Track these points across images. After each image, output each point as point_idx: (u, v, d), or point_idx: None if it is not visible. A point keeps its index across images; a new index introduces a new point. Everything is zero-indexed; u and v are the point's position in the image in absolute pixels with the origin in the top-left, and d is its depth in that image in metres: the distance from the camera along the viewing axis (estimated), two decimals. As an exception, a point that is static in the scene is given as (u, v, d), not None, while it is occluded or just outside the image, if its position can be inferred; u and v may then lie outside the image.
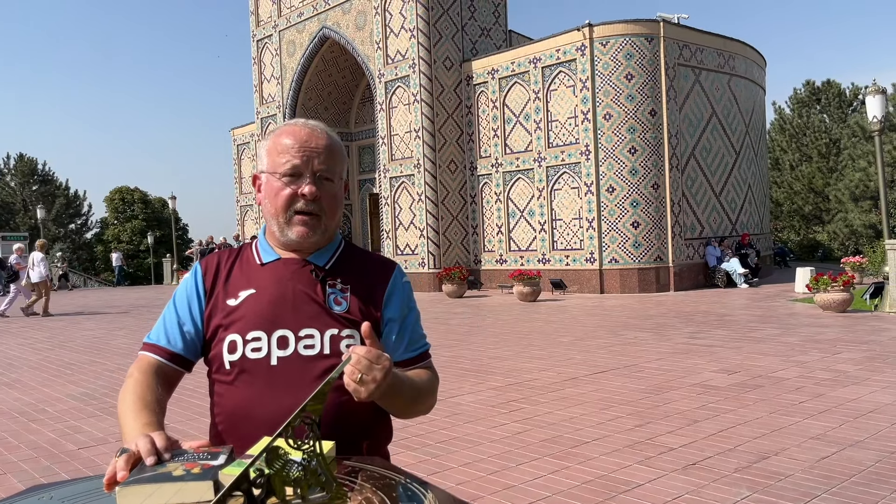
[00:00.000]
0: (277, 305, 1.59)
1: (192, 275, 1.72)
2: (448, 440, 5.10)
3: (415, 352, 1.69)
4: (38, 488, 1.26)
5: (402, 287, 1.71)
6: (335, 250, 1.70)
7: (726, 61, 19.69)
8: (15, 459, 4.99)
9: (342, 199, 1.68)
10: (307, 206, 1.58)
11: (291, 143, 1.59)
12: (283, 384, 1.54)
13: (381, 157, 22.13)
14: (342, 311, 1.60)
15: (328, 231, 1.65)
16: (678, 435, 5.00)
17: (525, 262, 19.28)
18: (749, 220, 20.78)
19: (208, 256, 1.76)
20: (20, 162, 54.34)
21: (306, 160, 1.58)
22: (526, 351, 9.11)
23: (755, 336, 9.64)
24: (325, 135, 1.64)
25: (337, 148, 1.65)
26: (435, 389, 1.70)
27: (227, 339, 1.60)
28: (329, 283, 1.63)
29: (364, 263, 1.71)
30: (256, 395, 1.55)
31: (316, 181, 1.58)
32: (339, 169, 1.65)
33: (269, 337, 1.57)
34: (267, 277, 1.64)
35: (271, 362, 1.56)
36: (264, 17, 26.34)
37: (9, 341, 12.14)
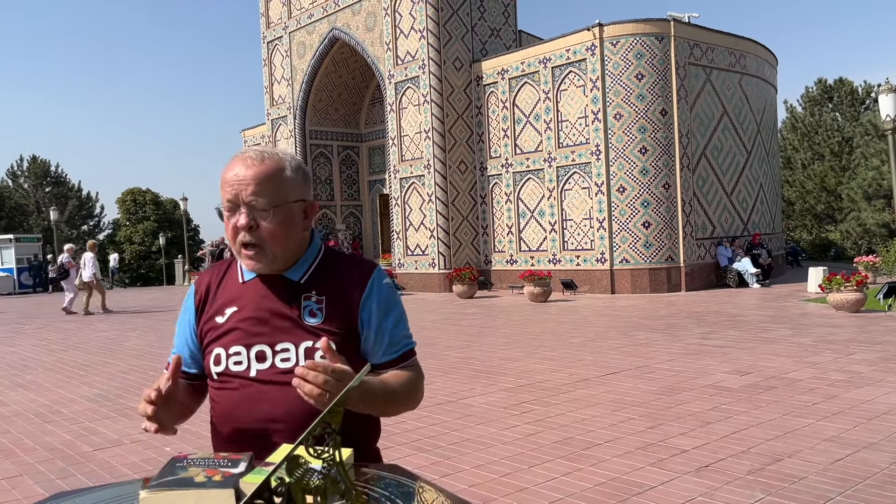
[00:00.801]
0: (255, 323, 1.67)
1: (189, 293, 1.83)
2: (460, 442, 5.11)
3: (395, 353, 1.71)
4: (61, 496, 1.28)
5: (379, 290, 1.71)
6: (312, 261, 1.72)
7: (737, 60, 19.59)
8: (31, 461, 5.04)
9: (291, 222, 1.64)
10: (244, 237, 1.61)
11: (226, 178, 1.63)
12: (261, 394, 1.63)
13: (391, 157, 22.16)
14: (317, 324, 1.64)
15: (279, 257, 1.65)
16: (691, 437, 4.99)
17: (535, 262, 19.26)
18: (761, 219, 20.68)
19: (201, 274, 1.86)
20: (33, 164, 54.76)
21: (236, 193, 1.60)
22: (537, 352, 9.11)
23: (767, 337, 9.60)
24: (261, 162, 1.61)
25: (273, 174, 1.61)
26: (415, 389, 1.72)
27: (213, 352, 1.71)
28: (304, 297, 1.67)
29: (342, 271, 1.73)
30: (237, 402, 1.66)
31: (249, 211, 1.60)
32: (277, 195, 1.61)
33: (249, 351, 1.66)
34: (247, 295, 1.70)
35: (250, 374, 1.65)
36: (274, 18, 26.43)
37: (23, 342, 12.25)
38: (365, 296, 1.69)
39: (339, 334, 1.63)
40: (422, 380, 1.76)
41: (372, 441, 1.78)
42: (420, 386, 1.74)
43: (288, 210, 1.63)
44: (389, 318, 1.71)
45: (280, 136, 26.79)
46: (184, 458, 1.28)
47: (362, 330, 1.69)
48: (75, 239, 52.98)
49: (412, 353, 1.75)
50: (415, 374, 1.73)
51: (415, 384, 1.71)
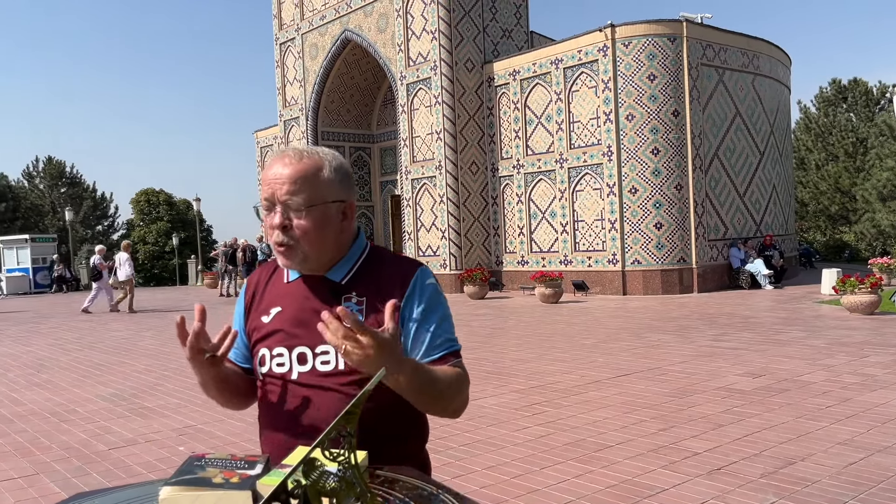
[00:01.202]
0: (296, 324, 1.67)
1: (242, 291, 1.86)
2: (471, 443, 5.12)
3: (435, 354, 1.65)
4: (81, 496, 1.31)
5: (421, 290, 1.68)
6: (355, 262, 1.71)
7: (750, 60, 19.50)
8: (47, 460, 5.10)
9: (327, 223, 1.63)
10: (278, 236, 1.61)
11: (265, 176, 1.63)
12: (302, 397, 1.63)
13: (403, 158, 22.21)
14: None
15: (311, 258, 1.64)
16: (703, 439, 4.98)
17: (547, 263, 19.24)
18: (774, 220, 20.57)
19: (253, 273, 1.87)
20: (49, 165, 55.23)
21: (272, 191, 1.60)
22: (548, 353, 9.11)
23: (780, 339, 9.55)
24: (298, 161, 1.61)
25: (310, 173, 1.60)
26: (459, 388, 1.65)
27: (259, 352, 1.72)
28: (345, 298, 1.65)
29: (384, 271, 1.70)
30: (280, 404, 1.67)
31: (284, 210, 1.60)
32: (313, 195, 1.59)
33: (290, 353, 1.66)
34: (290, 295, 1.71)
35: (292, 376, 1.66)
36: (287, 20, 26.54)
37: (39, 342, 12.37)
38: (406, 296, 1.66)
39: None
40: (467, 383, 1.68)
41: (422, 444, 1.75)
42: (464, 388, 1.67)
43: (323, 210, 1.61)
44: (431, 318, 1.67)
45: (292, 137, 26.90)
46: (201, 457, 1.30)
47: (403, 332, 1.65)
48: (90, 239, 53.42)
49: (455, 356, 1.68)
50: (460, 373, 1.66)
51: (459, 383, 1.64)
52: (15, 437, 5.76)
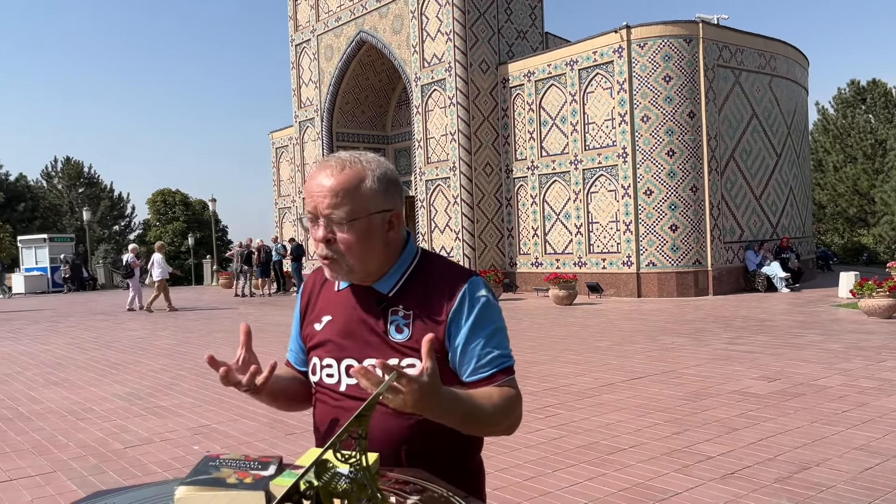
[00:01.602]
0: (345, 335, 1.65)
1: (298, 295, 1.87)
2: (484, 445, 5.12)
3: (483, 373, 1.58)
4: (99, 495, 1.33)
5: (470, 304, 1.60)
6: (403, 272, 1.65)
7: (767, 62, 19.37)
8: (64, 458, 5.16)
9: (371, 234, 1.58)
10: (322, 250, 1.59)
11: (307, 188, 1.60)
12: (350, 409, 1.57)
13: (417, 159, 22.24)
14: (403, 340, 1.58)
15: (357, 269, 1.60)
16: (717, 443, 4.96)
17: (561, 265, 19.20)
18: (790, 222, 20.41)
19: (310, 277, 1.84)
20: (67, 165, 55.81)
21: (314, 205, 1.56)
22: (562, 355, 9.09)
23: (797, 342, 9.48)
24: (340, 172, 1.56)
25: (352, 185, 1.55)
26: (508, 411, 1.57)
27: (311, 360, 1.74)
28: (392, 311, 1.61)
29: (433, 283, 1.63)
30: (329, 414, 1.67)
31: (327, 224, 1.56)
32: (356, 207, 1.55)
33: (339, 364, 1.65)
34: (340, 305, 1.69)
35: (340, 388, 1.65)
36: (302, 21, 26.67)
37: (57, 340, 12.50)
38: (454, 310, 1.59)
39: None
40: (519, 403, 1.61)
41: (476, 452, 1.72)
42: (517, 409, 1.60)
43: (366, 222, 1.56)
44: (479, 334, 1.59)
45: (307, 138, 27.02)
46: (216, 457, 1.32)
47: (449, 346, 1.59)
48: (107, 239, 53.91)
49: (505, 373, 1.61)
50: (509, 393, 1.58)
51: (508, 406, 1.56)
52: (33, 436, 5.83)
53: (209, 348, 10.59)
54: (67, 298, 26.93)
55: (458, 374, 1.60)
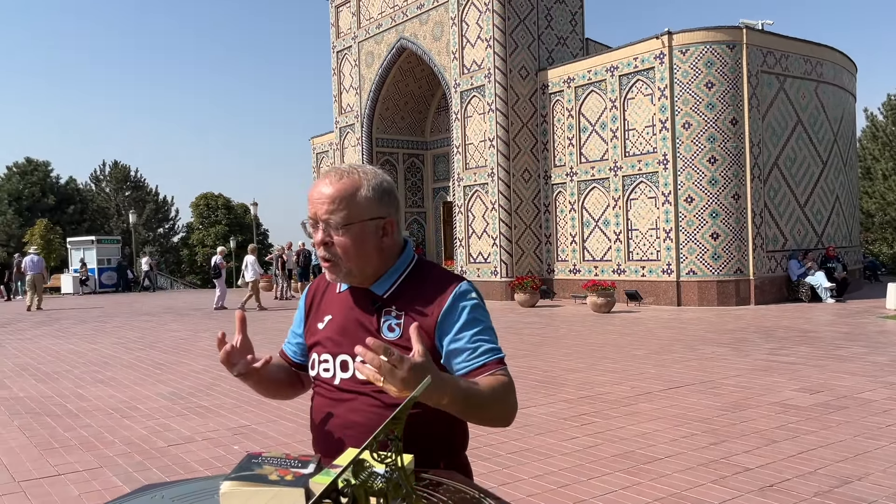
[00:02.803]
0: (341, 333, 1.79)
1: (303, 295, 2.01)
2: (519, 451, 5.14)
3: (475, 364, 1.66)
4: (149, 488, 1.40)
5: (461, 305, 1.71)
6: (399, 276, 1.78)
7: (813, 68, 19.00)
8: (110, 454, 5.32)
9: (364, 239, 1.70)
10: (321, 252, 1.74)
11: (309, 195, 1.75)
12: (343, 401, 1.75)
13: (456, 165, 22.31)
14: (395, 339, 1.70)
15: (355, 272, 1.74)
16: (755, 455, 4.90)
17: (599, 272, 19.07)
18: (836, 232, 19.95)
19: (315, 280, 2.00)
20: (115, 169, 57.25)
21: (314, 211, 1.72)
22: (599, 363, 9.05)
23: (841, 354, 9.28)
24: (338, 181, 1.70)
25: (349, 193, 1.68)
26: (505, 398, 1.64)
27: (311, 357, 1.87)
28: (385, 311, 1.75)
29: (426, 286, 1.76)
30: (326, 406, 1.79)
31: (324, 229, 1.71)
32: (352, 213, 1.68)
33: (335, 360, 1.79)
34: (339, 305, 1.83)
35: (335, 382, 1.78)
36: (344, 28, 26.99)
37: (104, 340, 12.84)
38: (443, 311, 1.70)
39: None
40: (513, 391, 1.68)
41: (460, 450, 1.83)
42: (511, 397, 1.67)
43: (360, 228, 1.70)
44: (470, 330, 1.69)
45: (348, 144, 27.30)
46: (258, 455, 1.38)
47: (440, 346, 1.69)
48: (151, 241, 55.13)
49: (497, 364, 1.68)
50: (504, 381, 1.66)
51: (505, 392, 1.64)
52: (80, 432, 6.01)
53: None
54: (114, 299, 27.61)
55: (451, 370, 1.68)
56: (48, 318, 18.22)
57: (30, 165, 50.27)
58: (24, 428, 6.19)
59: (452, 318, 1.70)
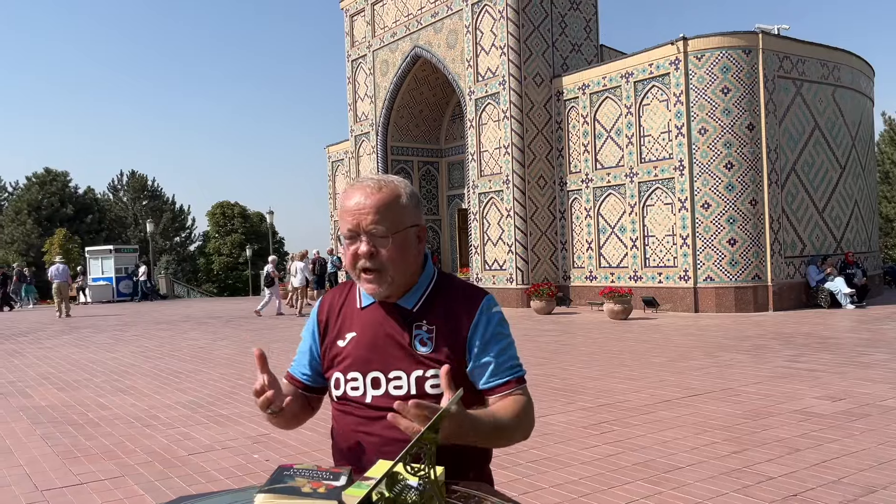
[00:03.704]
0: (370, 349, 1.75)
1: (313, 313, 1.93)
2: (539, 460, 5.12)
3: (498, 379, 1.71)
4: (181, 500, 1.41)
5: (487, 318, 1.75)
6: (425, 289, 1.78)
7: (830, 72, 18.87)
8: (132, 463, 5.36)
9: (409, 247, 1.72)
10: (365, 263, 1.69)
11: (346, 207, 1.71)
12: (376, 420, 1.70)
13: (471, 173, 22.34)
14: (427, 353, 1.70)
15: (397, 281, 1.72)
16: (778, 463, 4.85)
17: (616, 278, 19.00)
18: (855, 237, 19.76)
19: (324, 296, 1.94)
20: (132, 178, 57.83)
21: (356, 222, 1.68)
22: (617, 371, 9.00)
23: (862, 361, 9.18)
24: (378, 191, 1.69)
25: (390, 201, 1.69)
26: (524, 420, 1.70)
27: (333, 376, 1.81)
28: (416, 325, 1.73)
29: (452, 299, 1.77)
30: (356, 425, 1.75)
31: (370, 239, 1.67)
32: (396, 222, 1.68)
33: (365, 377, 1.74)
34: (364, 321, 1.79)
35: (366, 400, 1.74)
36: (359, 37, 27.13)
37: (123, 349, 12.95)
38: (473, 325, 1.73)
39: (448, 363, 1.63)
40: (531, 409, 1.74)
41: (485, 463, 1.82)
42: (530, 416, 1.73)
43: (405, 235, 1.71)
44: (495, 345, 1.73)
45: (363, 152, 27.41)
46: (290, 467, 1.39)
47: (469, 358, 1.72)
48: (168, 250, 55.54)
49: (520, 382, 1.75)
50: (524, 402, 1.71)
51: (524, 414, 1.70)
52: (102, 441, 6.06)
53: (269, 358, 10.80)
54: (132, 308, 27.84)
55: (474, 381, 1.73)
56: (67, 327, 18.40)
57: (49, 176, 50.90)
58: (47, 437, 6.25)
59: (480, 333, 1.73)
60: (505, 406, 1.68)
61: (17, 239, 47.62)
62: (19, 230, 47.91)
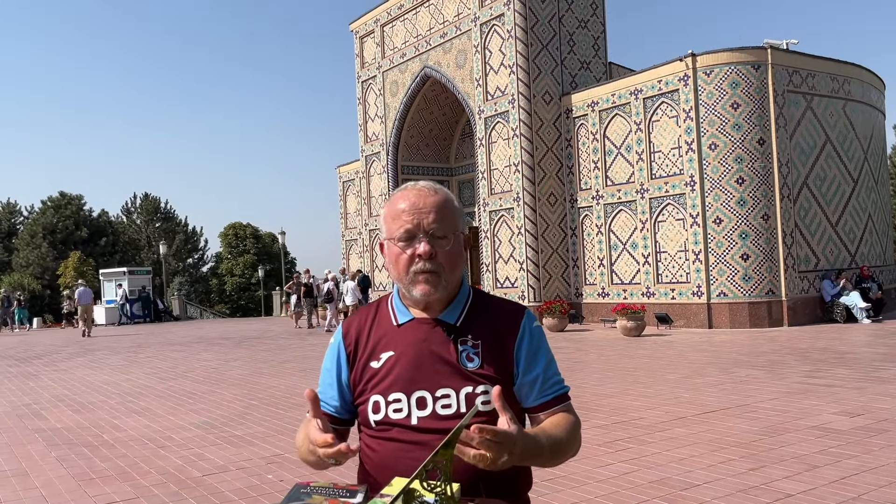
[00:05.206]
0: (415, 368, 1.67)
1: (336, 340, 1.83)
2: (553, 478, 5.09)
3: (547, 396, 1.71)
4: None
5: (531, 334, 1.73)
6: (465, 304, 1.74)
7: (840, 86, 18.85)
8: (146, 484, 5.36)
9: (462, 252, 1.71)
10: (425, 265, 1.64)
11: (403, 208, 1.67)
12: (423, 443, 1.61)
13: (481, 191, 22.39)
14: (475, 368, 1.66)
15: (450, 286, 1.69)
16: (796, 480, 4.80)
17: (628, 295, 18.92)
18: (870, 251, 19.62)
19: (348, 319, 1.86)
20: (145, 201, 58.30)
21: (417, 222, 1.64)
22: (631, 388, 8.94)
23: (880, 376, 9.08)
24: (434, 193, 1.69)
25: (448, 204, 1.70)
26: (575, 436, 1.70)
27: (371, 399, 1.71)
28: (461, 341, 1.68)
29: (493, 314, 1.75)
30: (400, 451, 1.65)
31: (430, 240, 1.64)
32: (452, 224, 1.68)
33: (409, 398, 1.66)
34: (404, 339, 1.71)
35: (412, 422, 1.65)
36: (368, 58, 27.37)
37: (137, 371, 13.00)
38: (518, 339, 1.71)
39: (497, 379, 1.62)
40: (579, 425, 1.73)
41: (524, 489, 1.77)
42: (579, 432, 1.72)
43: (457, 239, 1.70)
44: (541, 361, 1.72)
45: (374, 172, 27.55)
46: (307, 484, 1.39)
47: (517, 374, 1.70)
48: (181, 271, 55.80)
49: (566, 398, 1.75)
50: (573, 419, 1.71)
51: (574, 432, 1.69)
52: (117, 462, 6.07)
53: (281, 378, 10.83)
54: (145, 329, 27.96)
55: (523, 398, 1.71)
56: (82, 349, 18.50)
57: (64, 199, 51.43)
58: (62, 459, 6.27)
59: (525, 348, 1.71)
60: (556, 423, 1.66)
61: (32, 262, 48.04)
62: (34, 253, 48.35)
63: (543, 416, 1.70)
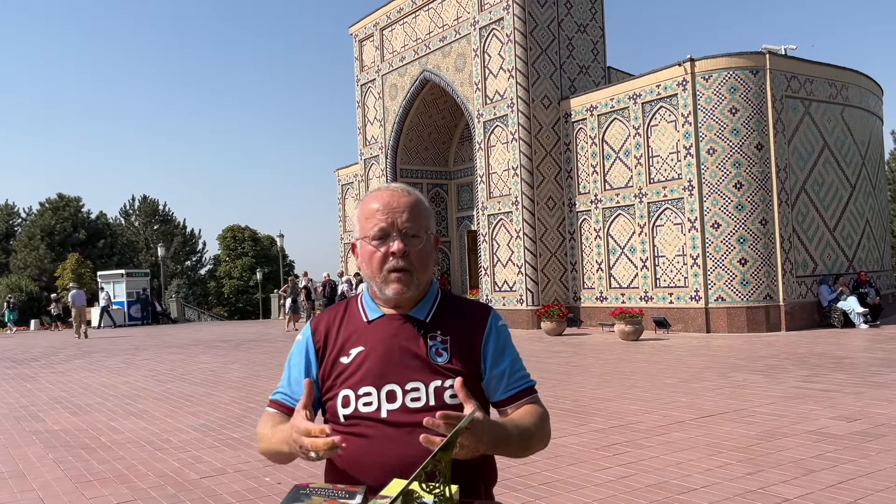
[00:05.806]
0: (385, 362, 1.71)
1: (304, 336, 1.86)
2: (551, 482, 5.09)
3: (513, 389, 1.77)
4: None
5: (497, 332, 1.80)
6: (433, 302, 1.81)
7: (838, 91, 18.90)
8: (144, 487, 5.36)
9: (432, 252, 1.78)
10: (398, 262, 1.69)
11: (377, 207, 1.72)
12: (392, 436, 1.66)
13: (480, 194, 22.42)
14: (444, 363, 1.71)
15: (422, 284, 1.75)
16: (793, 485, 4.81)
17: (626, 299, 18.94)
18: (868, 256, 19.66)
19: (316, 318, 1.91)
20: (144, 203, 58.28)
21: (391, 221, 1.70)
22: (629, 392, 8.95)
23: (878, 381, 9.09)
24: (408, 194, 1.76)
25: (420, 205, 1.76)
26: (543, 426, 1.76)
27: (340, 394, 1.74)
28: (430, 336, 1.74)
29: (462, 312, 1.81)
30: (369, 444, 1.67)
31: (403, 238, 1.70)
32: (424, 224, 1.75)
33: (379, 392, 1.70)
34: (374, 335, 1.75)
35: (381, 415, 1.68)
36: (368, 62, 27.42)
37: (134, 373, 12.98)
38: (485, 337, 1.77)
39: (465, 374, 1.68)
40: (548, 417, 1.79)
41: (491, 484, 1.82)
42: (548, 423, 1.78)
43: (431, 240, 1.77)
44: (508, 357, 1.78)
45: (372, 175, 27.57)
46: (306, 486, 1.40)
47: (484, 369, 1.75)
48: (179, 274, 55.76)
49: (532, 391, 1.81)
50: (541, 410, 1.77)
51: (542, 422, 1.75)
52: (114, 465, 6.07)
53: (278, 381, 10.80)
54: (143, 331, 27.93)
55: (491, 392, 1.77)
56: (80, 351, 18.47)
57: (62, 201, 51.34)
58: (59, 461, 6.26)
59: (492, 345, 1.77)
60: (523, 415, 1.72)
61: (30, 264, 47.95)
62: (32, 255, 48.27)
63: (511, 409, 1.76)
